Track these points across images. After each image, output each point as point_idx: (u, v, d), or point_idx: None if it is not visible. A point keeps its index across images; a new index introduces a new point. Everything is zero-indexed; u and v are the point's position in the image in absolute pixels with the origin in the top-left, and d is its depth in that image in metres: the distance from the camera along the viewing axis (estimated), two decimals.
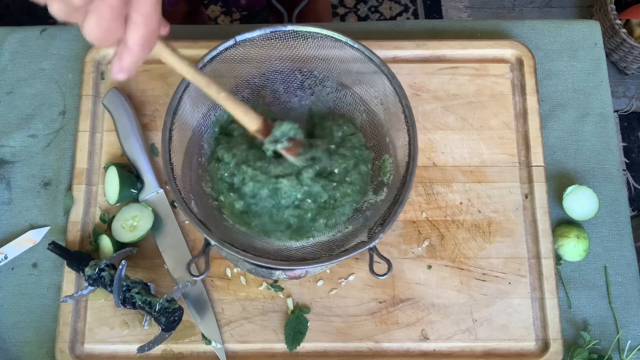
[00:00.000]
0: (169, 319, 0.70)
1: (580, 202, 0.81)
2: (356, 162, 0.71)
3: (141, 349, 0.71)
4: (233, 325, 0.77)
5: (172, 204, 0.81)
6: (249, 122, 0.62)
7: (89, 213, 0.81)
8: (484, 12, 1.92)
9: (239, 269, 0.78)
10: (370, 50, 0.67)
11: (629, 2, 1.78)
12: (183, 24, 0.94)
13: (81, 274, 0.75)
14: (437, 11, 1.92)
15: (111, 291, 0.72)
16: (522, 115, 0.86)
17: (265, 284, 0.78)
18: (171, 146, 0.63)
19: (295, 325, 0.76)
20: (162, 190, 0.81)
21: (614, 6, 1.70)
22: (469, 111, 0.86)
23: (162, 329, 0.70)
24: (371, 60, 0.67)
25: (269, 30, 0.67)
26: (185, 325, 0.76)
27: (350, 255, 0.60)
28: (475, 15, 1.91)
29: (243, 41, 0.67)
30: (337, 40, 0.67)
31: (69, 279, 0.78)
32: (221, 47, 0.66)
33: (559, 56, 0.91)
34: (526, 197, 0.82)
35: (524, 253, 0.80)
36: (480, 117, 0.86)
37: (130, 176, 0.80)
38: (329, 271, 0.79)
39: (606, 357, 0.76)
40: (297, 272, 0.72)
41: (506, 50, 0.88)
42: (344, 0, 1.92)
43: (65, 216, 0.81)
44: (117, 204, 0.80)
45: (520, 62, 0.88)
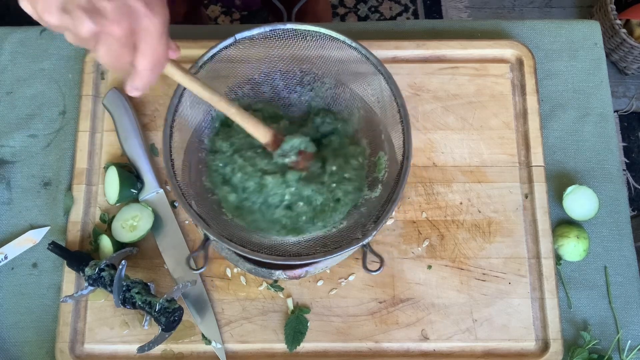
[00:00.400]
0: (169, 319, 0.70)
1: (580, 202, 0.81)
2: (345, 156, 0.71)
3: (141, 349, 0.71)
4: (233, 325, 0.77)
5: (172, 204, 0.81)
6: (259, 135, 0.65)
7: (89, 213, 0.81)
8: (484, 12, 1.92)
9: (239, 269, 0.78)
10: (367, 49, 0.67)
11: (629, 2, 1.78)
12: (183, 24, 0.94)
13: (81, 274, 0.75)
14: (437, 11, 1.92)
15: (111, 291, 0.72)
16: (522, 115, 0.86)
17: (265, 284, 0.78)
18: (172, 143, 0.64)
19: (295, 325, 0.76)
20: (162, 190, 0.81)
21: (614, 6, 1.70)
22: (469, 111, 0.86)
23: (162, 329, 0.70)
24: (368, 60, 0.67)
25: (268, 28, 0.67)
26: (185, 325, 0.76)
27: (344, 252, 0.61)
28: (475, 15, 1.91)
29: (243, 39, 0.67)
30: (335, 39, 0.68)
31: (69, 279, 0.78)
32: (221, 45, 0.67)
33: (559, 56, 0.91)
34: (526, 197, 0.82)
35: (524, 253, 0.80)
36: (480, 117, 0.86)
37: (130, 176, 0.80)
38: (329, 271, 0.79)
39: (606, 357, 0.76)
40: (297, 272, 0.72)
41: (506, 50, 0.88)
42: (344, 0, 1.92)
43: (65, 216, 0.81)
44: (117, 204, 0.80)
45: (520, 62, 0.88)
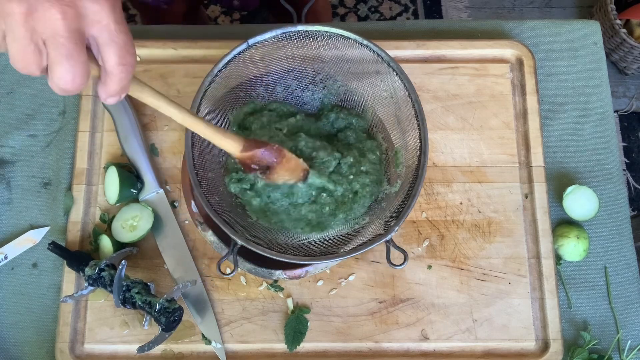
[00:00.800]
0: (169, 319, 0.70)
1: (580, 202, 0.81)
2: (361, 150, 0.72)
3: (141, 349, 0.71)
4: (233, 325, 0.77)
5: (172, 204, 0.81)
6: (227, 147, 0.60)
7: (89, 213, 0.81)
8: (484, 12, 1.92)
9: (239, 269, 0.78)
10: (379, 46, 0.68)
11: (629, 2, 1.78)
12: (182, 24, 0.94)
13: (81, 274, 0.75)
14: (437, 11, 1.92)
15: (111, 291, 0.72)
16: (522, 115, 0.86)
17: (265, 284, 0.78)
18: (194, 152, 0.64)
19: (295, 325, 0.76)
20: (162, 190, 0.81)
21: (614, 6, 1.70)
22: (469, 111, 0.86)
23: (162, 329, 0.70)
24: (379, 57, 0.68)
25: (279, 31, 0.68)
26: (185, 325, 0.76)
27: (369, 248, 0.62)
28: (475, 15, 1.91)
29: (255, 44, 0.68)
30: (347, 38, 0.69)
31: (69, 279, 0.78)
32: (235, 52, 0.68)
33: (559, 56, 0.91)
34: (526, 197, 0.82)
35: (524, 253, 0.80)
36: (480, 117, 0.86)
37: (130, 176, 0.80)
38: (329, 271, 0.79)
39: (606, 357, 0.76)
40: (297, 272, 0.72)
41: (506, 50, 0.88)
42: (344, 0, 1.92)
43: (65, 216, 0.81)
44: (117, 204, 0.80)
45: (520, 62, 0.88)
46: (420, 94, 0.87)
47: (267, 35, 0.68)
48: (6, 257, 0.79)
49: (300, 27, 0.68)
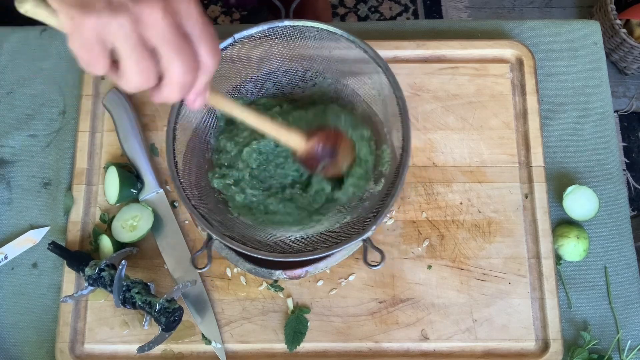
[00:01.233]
0: (169, 319, 0.70)
1: (580, 202, 0.81)
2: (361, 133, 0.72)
3: (141, 349, 0.71)
4: (233, 325, 0.77)
5: (172, 204, 0.81)
6: (292, 143, 0.65)
7: (89, 213, 0.81)
8: (484, 12, 1.92)
9: (239, 269, 0.78)
10: (365, 42, 0.67)
11: (629, 2, 1.78)
12: None
13: (81, 274, 0.75)
14: (437, 11, 1.92)
15: (111, 291, 0.72)
16: (522, 115, 0.86)
17: (265, 284, 0.78)
18: (175, 145, 0.64)
19: (295, 325, 0.76)
20: (162, 190, 0.81)
21: (614, 6, 1.70)
22: (469, 111, 0.86)
23: (162, 329, 0.70)
24: (366, 52, 0.68)
25: (266, 26, 0.68)
26: (185, 325, 0.76)
27: (344, 247, 0.61)
28: (475, 15, 1.91)
29: (241, 39, 0.68)
30: (333, 34, 0.68)
31: (69, 279, 0.78)
32: (221, 46, 0.67)
33: (559, 56, 0.91)
34: (526, 197, 0.82)
35: (524, 253, 0.80)
36: (480, 117, 0.86)
37: (130, 176, 0.80)
38: (329, 271, 0.79)
39: (606, 357, 0.76)
40: (297, 272, 0.72)
41: (506, 50, 0.88)
42: (344, 0, 1.92)
43: (65, 216, 0.81)
44: (117, 204, 0.80)
45: (520, 62, 0.88)
46: (420, 94, 0.87)
47: (253, 30, 0.68)
48: (6, 257, 0.79)
49: (286, 23, 0.68)
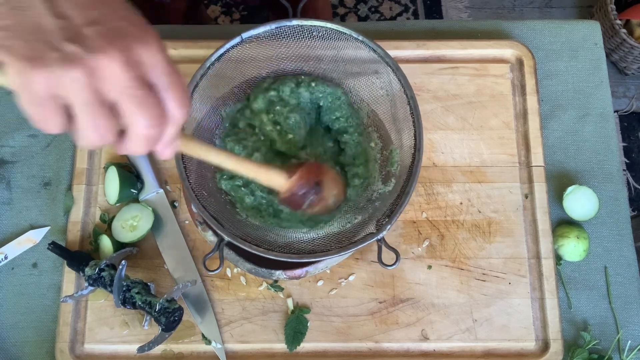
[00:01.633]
0: (169, 319, 0.70)
1: (580, 202, 0.81)
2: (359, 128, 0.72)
3: (141, 349, 0.71)
4: (233, 325, 0.77)
5: (172, 204, 0.81)
6: (277, 179, 0.59)
7: (89, 213, 0.81)
8: (484, 12, 1.92)
9: (239, 269, 0.78)
10: (374, 42, 0.67)
11: (629, 2, 1.78)
12: (183, 24, 0.94)
13: (81, 274, 0.75)
14: (437, 11, 1.92)
15: (111, 291, 0.72)
16: (522, 115, 0.86)
17: (265, 284, 0.78)
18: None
19: (295, 325, 0.76)
20: (162, 190, 0.81)
21: (614, 6, 1.70)
22: (469, 111, 0.86)
23: (162, 329, 0.70)
24: (375, 52, 0.67)
25: (274, 26, 0.67)
26: (185, 325, 0.76)
27: (359, 247, 0.61)
28: (475, 15, 1.91)
29: (249, 38, 0.67)
30: (342, 33, 0.68)
31: (69, 279, 0.78)
32: (228, 45, 0.66)
33: (559, 56, 0.91)
34: (526, 197, 0.82)
35: (524, 253, 0.80)
36: (480, 117, 0.86)
37: (130, 176, 0.80)
38: (329, 271, 0.79)
39: (606, 357, 0.76)
40: (297, 272, 0.72)
41: (506, 50, 0.88)
42: (344, 0, 1.92)
43: (65, 216, 0.81)
44: (117, 204, 0.80)
45: (520, 62, 0.88)
46: (420, 94, 0.87)
47: (261, 30, 0.67)
48: (6, 257, 0.79)
49: (295, 22, 0.67)
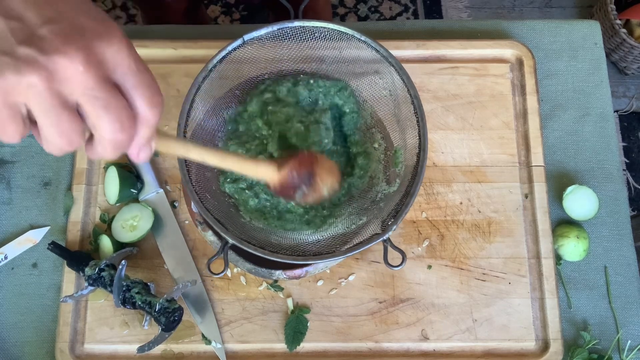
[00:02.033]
0: (169, 319, 0.70)
1: (580, 202, 0.81)
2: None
3: (141, 349, 0.71)
4: (233, 325, 0.77)
5: (172, 204, 0.81)
6: (262, 176, 0.58)
7: (89, 213, 0.81)
8: (484, 12, 1.92)
9: (239, 269, 0.78)
10: (377, 42, 0.67)
11: (629, 2, 1.78)
12: (183, 24, 0.94)
13: (81, 274, 0.75)
14: (437, 11, 1.92)
15: (111, 291, 0.72)
16: (522, 115, 0.86)
17: (265, 284, 0.78)
18: None
19: (295, 325, 0.76)
20: (162, 190, 0.81)
21: (614, 6, 1.70)
22: (469, 111, 0.86)
23: (162, 329, 0.70)
24: (378, 52, 0.67)
25: (276, 27, 0.67)
26: (185, 325, 0.76)
27: (365, 247, 0.61)
28: (475, 15, 1.91)
29: (251, 40, 0.67)
30: (344, 34, 0.68)
31: (69, 279, 0.78)
32: (230, 47, 0.66)
33: (559, 56, 0.91)
34: (526, 197, 0.82)
35: (524, 253, 0.80)
36: (480, 117, 0.86)
37: (130, 176, 0.80)
38: (329, 271, 0.79)
39: (606, 357, 0.76)
40: (297, 272, 0.72)
41: (506, 50, 0.88)
42: (344, 0, 1.92)
43: (65, 216, 0.81)
44: (117, 204, 0.80)
45: (520, 62, 0.88)
46: (420, 94, 0.86)
47: (263, 31, 0.67)
48: (6, 257, 0.79)
49: (297, 23, 0.67)
